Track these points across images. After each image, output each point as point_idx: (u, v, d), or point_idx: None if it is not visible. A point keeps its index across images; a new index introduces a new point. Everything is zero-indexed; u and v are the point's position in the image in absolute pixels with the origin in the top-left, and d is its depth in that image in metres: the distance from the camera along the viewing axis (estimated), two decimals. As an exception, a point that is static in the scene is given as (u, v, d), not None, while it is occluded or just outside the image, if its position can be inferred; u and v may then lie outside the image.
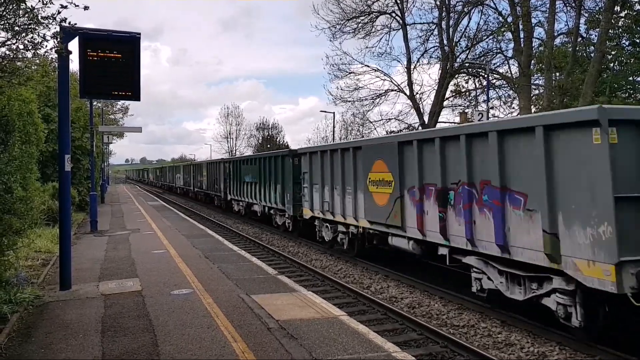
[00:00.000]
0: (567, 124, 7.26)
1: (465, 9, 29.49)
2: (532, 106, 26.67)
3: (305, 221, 18.13)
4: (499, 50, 29.65)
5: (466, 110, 33.20)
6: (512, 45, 27.82)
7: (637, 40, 25.79)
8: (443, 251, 10.33)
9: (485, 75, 27.72)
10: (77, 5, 7.39)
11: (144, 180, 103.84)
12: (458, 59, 30.50)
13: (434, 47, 31.33)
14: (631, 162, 6.83)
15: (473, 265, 9.44)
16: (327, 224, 16.03)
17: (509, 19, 27.39)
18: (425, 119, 31.37)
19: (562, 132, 7.37)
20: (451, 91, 31.82)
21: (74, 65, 9.85)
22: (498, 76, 29.98)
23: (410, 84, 31.59)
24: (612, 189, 6.63)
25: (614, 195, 6.64)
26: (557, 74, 26.65)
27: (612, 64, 26.92)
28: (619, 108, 7.58)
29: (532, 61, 27.17)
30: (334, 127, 48.93)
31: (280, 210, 21.11)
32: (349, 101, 33.70)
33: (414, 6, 36.97)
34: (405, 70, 31.93)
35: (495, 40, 29.54)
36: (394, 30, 32.26)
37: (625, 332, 7.71)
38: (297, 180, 18.77)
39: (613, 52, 26.20)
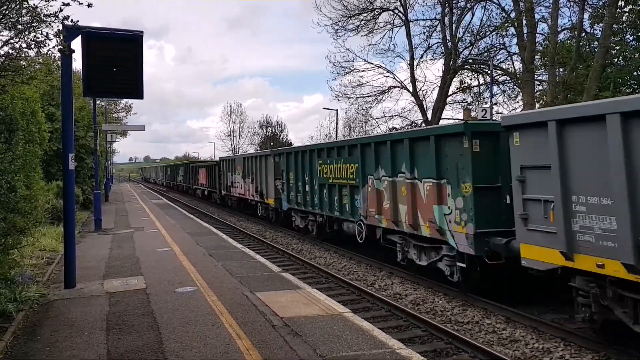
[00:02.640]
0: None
1: (468, 5, 29.34)
2: (536, 102, 26.57)
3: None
4: (502, 46, 29.52)
5: (469, 107, 33.16)
6: (515, 40, 27.68)
7: (642, 35, 25.66)
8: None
9: (489, 71, 27.61)
10: (81, 3, 7.38)
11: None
12: (461, 55, 30.39)
13: (437, 43, 31.21)
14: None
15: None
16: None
17: (512, 15, 27.26)
18: (429, 115, 31.30)
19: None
20: (456, 87, 31.71)
21: (77, 64, 9.88)
22: (501, 72, 29.86)
23: (413, 80, 31.49)
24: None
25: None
26: (561, 69, 26.50)
27: (616, 59, 26.77)
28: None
29: (536, 57, 27.04)
30: (337, 124, 48.87)
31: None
32: (352, 98, 33.65)
33: (416, 2, 36.66)
34: (409, 66, 31.86)
35: (498, 35, 29.42)
36: (396, 27, 32.12)
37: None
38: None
39: (617, 47, 26.03)
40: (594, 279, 7.24)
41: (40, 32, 7.53)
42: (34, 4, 7.43)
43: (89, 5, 7.62)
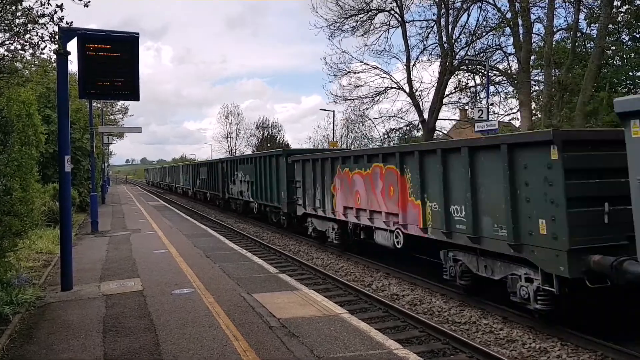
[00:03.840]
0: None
1: (464, 6, 29.41)
2: (532, 102, 26.66)
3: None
4: (498, 47, 29.61)
5: (466, 107, 33.24)
6: (511, 41, 27.75)
7: (637, 35, 25.74)
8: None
9: (485, 72, 27.68)
10: (80, 1, 7.37)
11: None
12: (457, 56, 30.45)
13: (433, 44, 31.28)
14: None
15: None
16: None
17: (508, 15, 27.33)
18: (425, 116, 31.34)
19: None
20: (452, 88, 31.76)
21: (73, 66, 9.87)
22: (498, 72, 29.93)
23: (409, 81, 31.55)
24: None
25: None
26: (557, 69, 26.59)
27: (612, 60, 26.87)
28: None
29: (532, 57, 27.12)
30: (333, 125, 48.94)
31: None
32: (349, 99, 33.69)
33: (412, 3, 36.80)
34: (405, 67, 31.89)
35: (494, 36, 29.51)
36: (392, 27, 32.19)
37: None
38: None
39: (613, 48, 26.13)
40: None
41: (35, 33, 7.52)
42: (29, 5, 7.42)
43: (86, 5, 7.60)
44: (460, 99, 32.22)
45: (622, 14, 25.20)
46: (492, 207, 8.79)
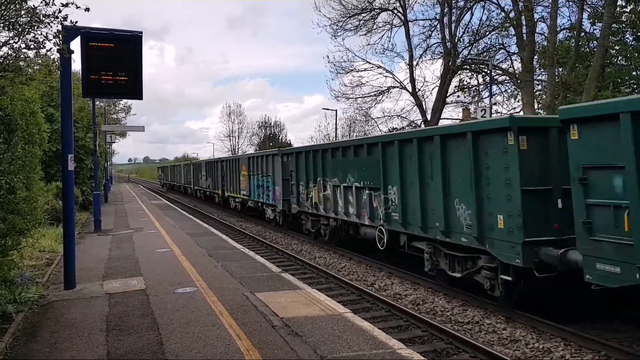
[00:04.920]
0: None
1: (467, 5, 29.35)
2: (535, 102, 26.58)
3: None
4: (501, 46, 29.54)
5: (469, 107, 33.15)
6: (514, 40, 27.69)
7: (641, 35, 25.67)
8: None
9: (488, 71, 27.61)
10: (79, 7, 7.38)
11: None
12: (460, 55, 30.39)
13: (436, 43, 31.21)
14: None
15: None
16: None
17: (512, 15, 27.27)
18: (428, 115, 31.29)
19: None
20: (455, 87, 31.69)
21: (77, 64, 9.88)
22: (501, 72, 29.87)
23: (412, 80, 31.46)
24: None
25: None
26: (560, 69, 26.53)
27: (615, 59, 26.79)
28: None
29: (535, 56, 27.04)
30: (336, 124, 48.88)
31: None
32: (352, 98, 33.64)
33: (415, 2, 36.65)
34: (408, 66, 31.85)
35: (497, 35, 29.44)
36: (395, 27, 32.12)
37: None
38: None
39: (617, 47, 26.05)
40: None
41: (39, 32, 7.52)
42: (33, 5, 7.42)
43: (87, 9, 7.60)
44: (463, 97, 32.15)
45: (626, 14, 25.15)
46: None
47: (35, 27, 7.40)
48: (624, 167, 6.55)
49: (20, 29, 7.45)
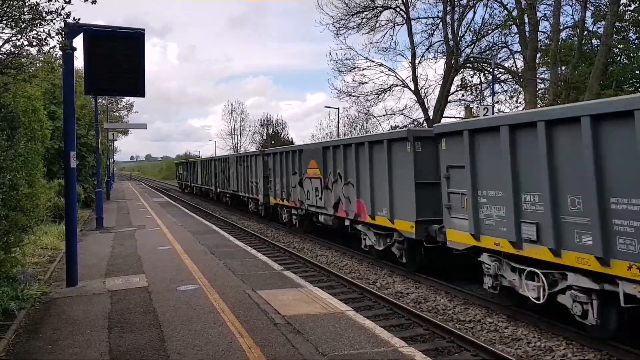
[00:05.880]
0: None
1: (470, 3, 29.28)
2: (538, 100, 26.52)
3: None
4: (504, 44, 29.46)
5: (471, 105, 33.09)
6: (517, 39, 27.62)
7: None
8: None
9: (491, 70, 27.55)
10: (86, 0, 7.37)
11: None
12: (463, 54, 30.33)
13: (438, 41, 31.16)
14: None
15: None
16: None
17: (514, 13, 27.20)
18: (430, 113, 31.26)
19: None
20: (457, 85, 31.65)
21: (79, 62, 9.88)
22: (503, 70, 29.81)
23: (414, 78, 31.42)
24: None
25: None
26: (563, 67, 26.45)
27: (618, 58, 26.70)
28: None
29: (538, 55, 26.97)
30: (338, 122, 48.85)
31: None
32: (354, 96, 33.61)
33: (418, 0, 36.58)
34: (410, 65, 31.81)
35: (500, 34, 29.37)
36: (398, 25, 32.05)
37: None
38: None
39: (620, 46, 25.96)
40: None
41: (42, 29, 7.52)
42: (36, 1, 7.41)
43: (93, 2, 7.60)
44: (465, 96, 32.10)
45: (629, 12, 25.06)
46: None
47: (38, 24, 7.41)
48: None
49: (23, 26, 7.45)
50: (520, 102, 29.25)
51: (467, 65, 30.86)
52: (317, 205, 17.15)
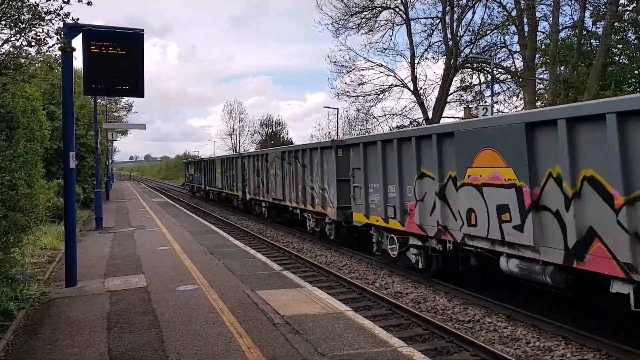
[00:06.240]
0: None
1: (469, 3, 29.32)
2: (537, 100, 26.53)
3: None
4: (503, 45, 29.51)
5: (470, 105, 33.10)
6: (516, 39, 27.65)
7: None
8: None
9: (490, 70, 27.58)
10: (81, 0, 7.37)
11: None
12: (462, 54, 30.36)
13: (438, 41, 31.21)
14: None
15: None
16: None
17: (513, 13, 27.23)
18: (430, 114, 31.28)
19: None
20: (456, 87, 31.68)
21: (78, 62, 9.88)
22: (502, 70, 29.83)
23: (414, 79, 31.46)
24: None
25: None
26: (562, 67, 26.48)
27: (617, 58, 26.72)
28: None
29: (537, 55, 26.99)
30: (337, 123, 48.86)
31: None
32: (353, 96, 33.65)
33: (417, 0, 36.64)
34: (409, 65, 31.83)
35: (499, 34, 29.40)
36: (397, 25, 32.11)
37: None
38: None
39: (619, 46, 25.99)
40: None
41: (41, 29, 7.52)
42: (35, 2, 7.41)
43: (89, 4, 7.59)
44: (465, 96, 32.12)
45: (628, 12, 25.09)
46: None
47: (37, 25, 7.40)
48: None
49: (22, 27, 7.44)
50: (519, 103, 29.30)
51: (467, 65, 30.88)
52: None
